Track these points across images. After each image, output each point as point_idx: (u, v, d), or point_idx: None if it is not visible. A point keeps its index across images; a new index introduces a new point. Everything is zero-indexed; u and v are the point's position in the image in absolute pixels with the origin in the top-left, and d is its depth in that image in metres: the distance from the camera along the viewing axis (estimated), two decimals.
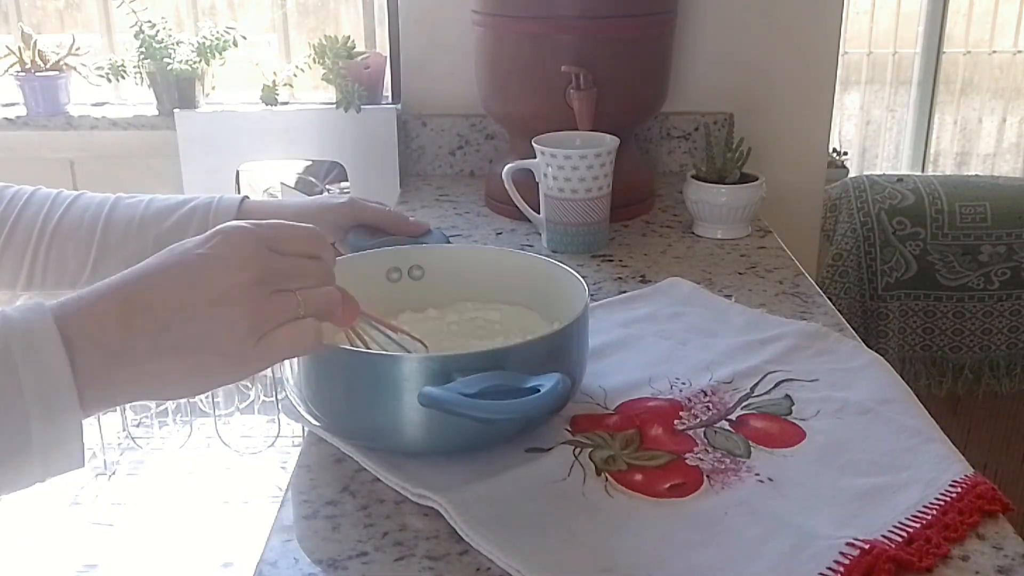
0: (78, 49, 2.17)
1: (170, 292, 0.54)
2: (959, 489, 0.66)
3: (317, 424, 0.74)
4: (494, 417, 0.63)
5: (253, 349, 0.56)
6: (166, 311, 0.54)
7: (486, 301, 0.86)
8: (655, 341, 0.90)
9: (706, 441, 0.73)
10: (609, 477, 0.68)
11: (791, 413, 0.77)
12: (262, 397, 2.47)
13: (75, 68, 2.17)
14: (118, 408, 2.23)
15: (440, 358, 0.67)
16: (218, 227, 0.57)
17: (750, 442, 0.73)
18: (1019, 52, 3.39)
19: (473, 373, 0.65)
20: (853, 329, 0.95)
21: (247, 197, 0.88)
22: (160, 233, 0.84)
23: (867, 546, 0.59)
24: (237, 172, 1.88)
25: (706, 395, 0.80)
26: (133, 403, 0.56)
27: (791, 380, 0.82)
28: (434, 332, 0.81)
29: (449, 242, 0.91)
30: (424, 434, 0.68)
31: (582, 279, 0.78)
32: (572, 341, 0.74)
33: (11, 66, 2.13)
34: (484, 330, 0.84)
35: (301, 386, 0.72)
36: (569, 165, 1.11)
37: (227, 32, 2.07)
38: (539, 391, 0.64)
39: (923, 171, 3.31)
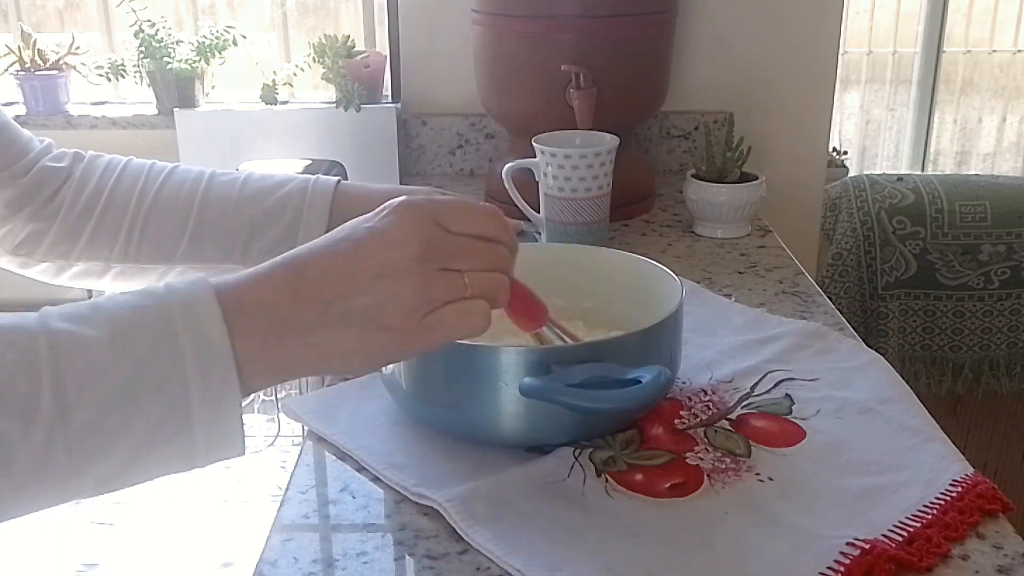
0: (78, 48, 2.17)
1: (337, 264, 0.55)
2: (959, 488, 0.66)
3: (428, 419, 0.74)
4: (596, 407, 0.64)
5: (418, 325, 0.55)
6: (333, 282, 0.54)
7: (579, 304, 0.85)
8: None
9: (706, 440, 0.73)
10: (609, 478, 0.68)
11: (791, 412, 0.77)
12: (262, 396, 2.47)
13: (75, 67, 2.17)
14: None
15: (539, 350, 0.68)
16: (389, 202, 0.57)
17: (750, 441, 0.73)
18: (1019, 51, 3.39)
19: (571, 365, 0.65)
20: (853, 328, 0.95)
21: (341, 180, 0.87)
22: (256, 215, 0.84)
23: (867, 546, 0.59)
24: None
25: (706, 394, 0.80)
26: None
27: (791, 379, 0.82)
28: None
29: (537, 240, 0.90)
30: (524, 426, 0.69)
31: (676, 276, 0.79)
32: (667, 336, 0.74)
33: (11, 65, 2.13)
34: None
35: (400, 380, 0.73)
36: (569, 164, 1.10)
37: (227, 31, 2.07)
38: (640, 382, 0.64)
39: (923, 170, 3.31)
